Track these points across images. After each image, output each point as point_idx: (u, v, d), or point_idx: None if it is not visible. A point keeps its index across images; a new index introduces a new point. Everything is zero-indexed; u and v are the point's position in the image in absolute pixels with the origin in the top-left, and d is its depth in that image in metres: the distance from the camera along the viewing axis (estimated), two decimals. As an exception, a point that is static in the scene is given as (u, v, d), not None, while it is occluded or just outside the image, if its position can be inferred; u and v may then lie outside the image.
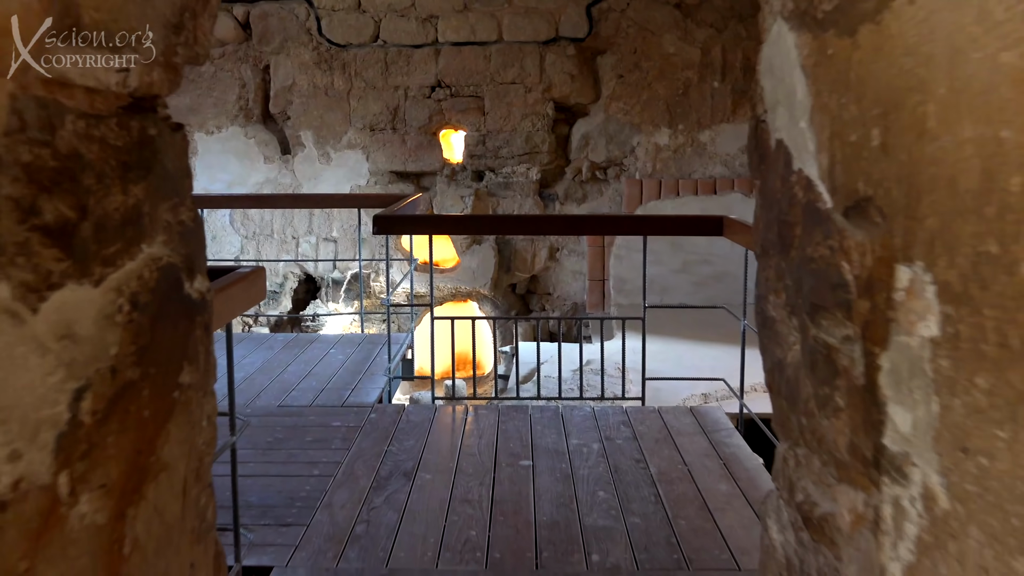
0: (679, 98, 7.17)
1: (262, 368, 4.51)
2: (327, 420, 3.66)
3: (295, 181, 7.50)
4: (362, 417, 3.70)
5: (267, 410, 3.80)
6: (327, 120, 7.35)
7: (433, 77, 7.23)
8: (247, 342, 5.13)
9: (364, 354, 4.86)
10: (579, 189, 7.36)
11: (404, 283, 7.42)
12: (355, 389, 4.10)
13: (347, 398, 3.97)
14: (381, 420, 3.67)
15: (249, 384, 4.19)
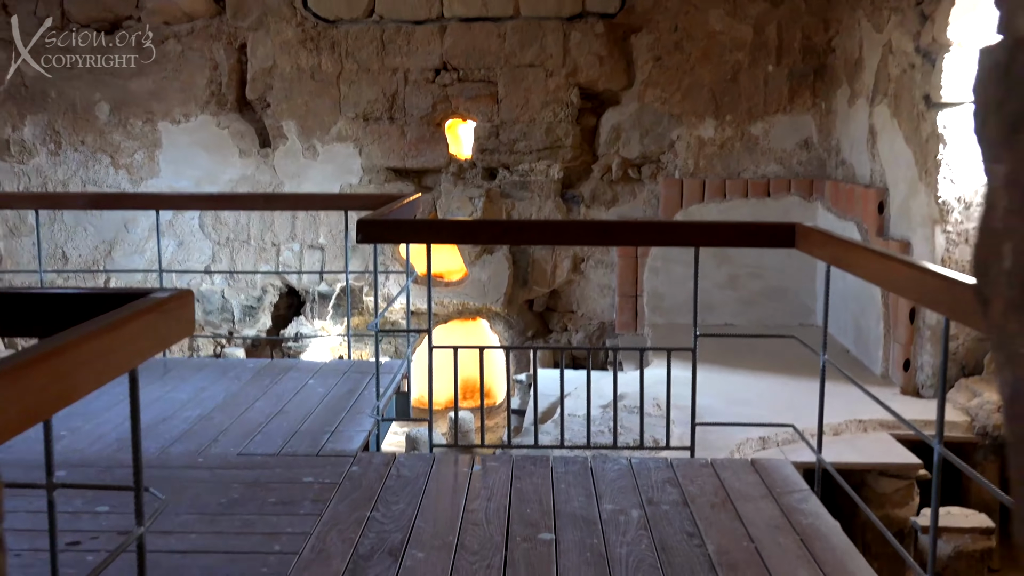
0: (727, 84, 6.74)
1: (224, 404, 4.10)
2: (297, 474, 3.23)
3: (275, 179, 7.11)
4: (341, 470, 3.27)
5: (224, 459, 3.38)
6: (313, 108, 6.97)
7: (438, 58, 6.83)
8: (210, 370, 4.73)
9: (350, 386, 4.44)
10: (608, 190, 6.94)
11: (401, 298, 7.00)
12: (335, 433, 3.68)
13: (324, 444, 3.54)
14: (365, 475, 3.24)
15: (205, 426, 3.77)
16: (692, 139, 6.81)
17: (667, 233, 3.32)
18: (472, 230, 3.40)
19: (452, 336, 7.46)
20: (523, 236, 3.43)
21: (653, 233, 3.33)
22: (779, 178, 6.80)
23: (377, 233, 3.35)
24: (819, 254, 3.15)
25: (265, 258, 7.16)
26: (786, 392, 5.19)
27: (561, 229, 3.38)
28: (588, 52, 6.74)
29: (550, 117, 6.80)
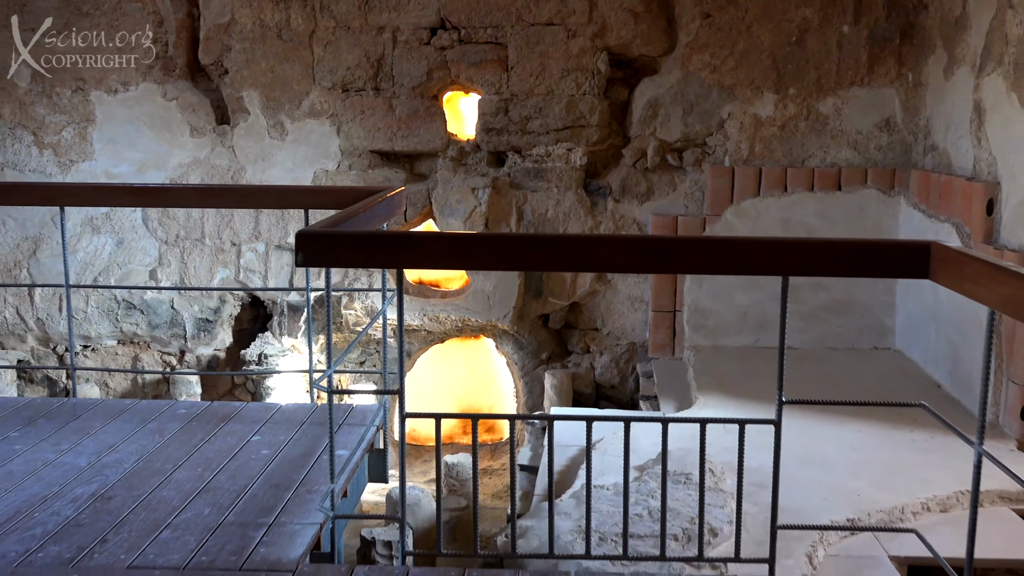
0: (791, 49, 5.85)
1: (131, 476, 3.28)
2: (206, 605, 2.39)
3: (235, 163, 6.27)
4: (271, 599, 2.43)
5: (106, 573, 2.54)
6: (281, 75, 6.11)
7: (434, 14, 5.96)
8: (128, 417, 3.93)
9: (307, 446, 3.61)
10: (642, 180, 6.06)
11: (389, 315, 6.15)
12: (272, 530, 2.84)
13: (253, 550, 2.70)
14: (304, 608, 2.40)
15: (95, 513, 2.94)
16: (747, 118, 5.93)
17: (744, 255, 2.44)
18: (469, 250, 2.52)
19: (449, 359, 6.62)
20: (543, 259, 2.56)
21: (723, 255, 2.45)
22: (853, 166, 5.92)
23: (325, 253, 2.50)
24: (976, 292, 2.25)
25: (223, 260, 6.32)
26: (877, 445, 4.31)
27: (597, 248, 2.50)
28: (620, 7, 5.86)
29: (572, 89, 5.92)
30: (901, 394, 5.04)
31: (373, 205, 3.34)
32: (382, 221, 3.55)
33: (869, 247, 2.48)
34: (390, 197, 3.65)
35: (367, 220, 3.24)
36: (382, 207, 3.49)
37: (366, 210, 3.22)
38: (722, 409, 4.78)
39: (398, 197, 3.81)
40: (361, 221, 3.10)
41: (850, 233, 5.85)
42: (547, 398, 6.13)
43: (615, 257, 2.50)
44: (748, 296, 5.95)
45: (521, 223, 6.10)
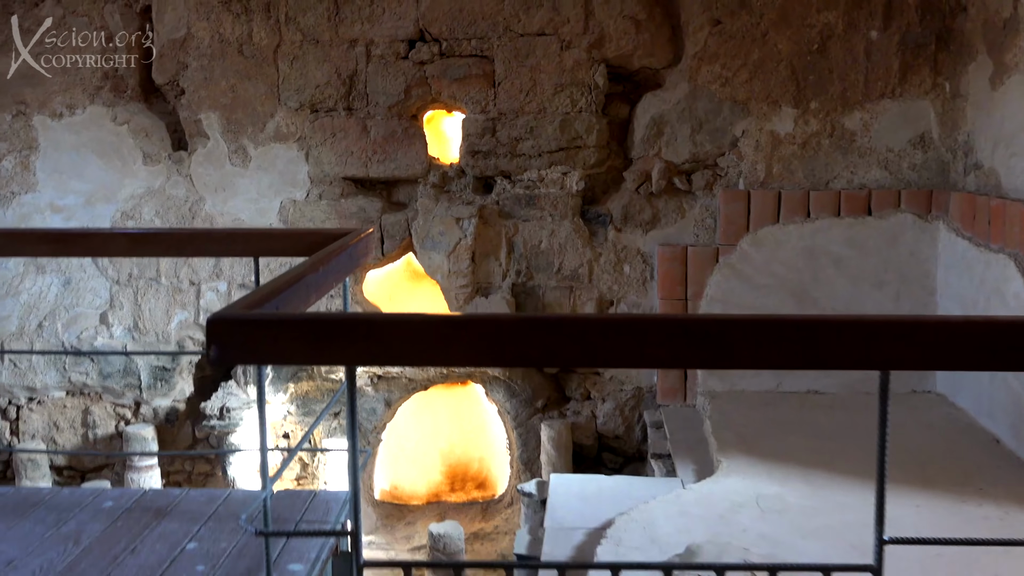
0: (812, 57, 5.13)
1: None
2: None
3: (193, 193, 5.52)
4: None
5: None
6: (243, 95, 5.38)
7: (412, 25, 5.23)
8: (39, 516, 3.18)
9: (253, 558, 2.86)
10: (646, 206, 5.33)
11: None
12: None
13: None
14: None
15: None
16: (763, 135, 5.20)
17: (843, 342, 1.71)
18: (451, 340, 1.80)
19: (433, 407, 5.86)
20: (550, 352, 1.81)
21: (805, 341, 1.73)
22: (884, 188, 5.20)
23: (250, 346, 1.76)
24: None
25: (181, 301, 5.57)
26: (939, 523, 3.58)
27: (627, 335, 1.77)
28: (619, 14, 5.14)
29: (566, 106, 5.19)
30: (953, 451, 4.32)
31: (329, 259, 2.60)
32: (343, 276, 2.81)
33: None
34: (353, 245, 2.91)
35: (321, 281, 2.50)
36: (343, 260, 2.76)
37: (319, 268, 2.48)
38: (751, 477, 4.05)
39: (364, 243, 3.08)
40: (312, 285, 2.37)
41: (883, 264, 5.14)
42: (544, 452, 5.39)
43: (656, 349, 1.76)
44: (768, 335, 5.21)
45: (512, 256, 5.37)
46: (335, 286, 2.67)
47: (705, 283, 5.26)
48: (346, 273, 2.84)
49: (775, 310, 5.20)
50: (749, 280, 5.22)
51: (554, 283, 5.39)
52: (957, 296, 4.91)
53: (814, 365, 1.81)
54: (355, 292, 5.51)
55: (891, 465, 1.85)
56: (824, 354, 1.81)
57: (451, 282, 5.33)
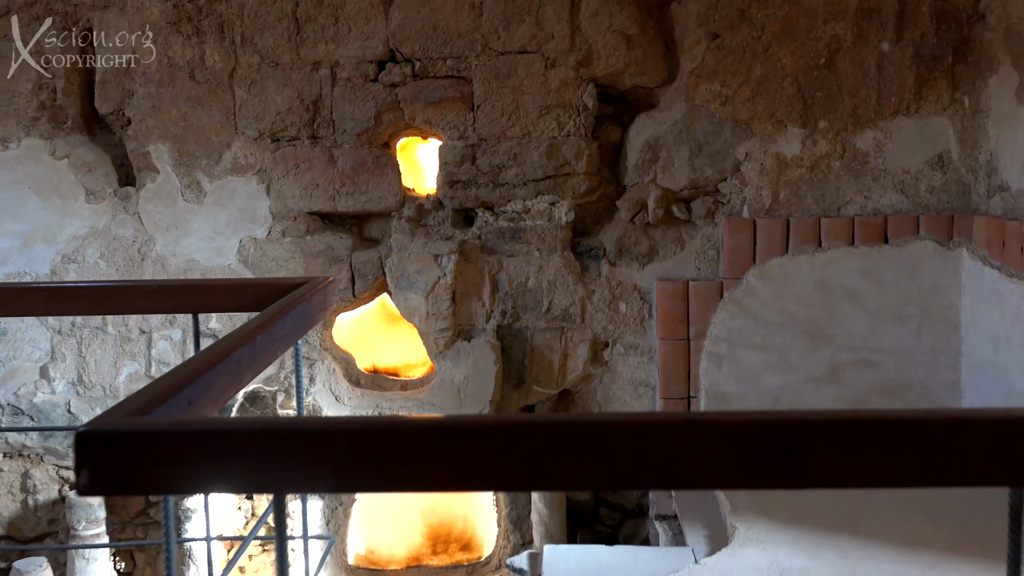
0: (819, 73, 4.67)
1: None
2: None
3: (141, 233, 4.98)
4: None
5: None
6: (195, 124, 4.85)
7: (381, 44, 4.73)
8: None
9: None
10: (643, 237, 4.83)
11: (336, 413, 4.86)
12: None
13: None
14: None
15: None
16: (768, 158, 4.73)
17: (955, 449, 1.22)
18: (412, 458, 1.30)
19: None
20: (534, 475, 1.28)
21: (906, 449, 1.24)
22: (901, 213, 4.73)
23: (126, 471, 1.22)
24: None
25: (130, 352, 5.00)
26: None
27: (639, 439, 1.25)
28: (608, 29, 4.66)
29: (553, 130, 4.70)
30: (985, 507, 3.81)
31: (272, 323, 2.07)
32: (293, 340, 2.28)
33: None
34: (307, 300, 2.39)
35: (261, 352, 1.98)
36: (293, 320, 2.23)
37: (256, 336, 1.95)
38: (772, 547, 3.53)
39: (322, 296, 2.55)
40: (247, 361, 1.84)
41: (903, 296, 4.66)
42: (535, 510, 4.85)
43: (710, 464, 1.25)
44: (779, 378, 4.72)
45: (496, 295, 4.85)
46: (282, 354, 2.13)
47: (709, 321, 4.76)
48: (297, 335, 2.31)
49: (787, 349, 4.70)
50: (757, 317, 4.72)
51: (543, 324, 4.87)
52: (987, 332, 4.43)
53: (930, 481, 1.30)
54: (324, 338, 4.97)
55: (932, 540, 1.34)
56: (944, 466, 1.30)
57: (430, 325, 4.80)
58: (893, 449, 1.31)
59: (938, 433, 1.30)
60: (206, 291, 2.84)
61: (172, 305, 2.84)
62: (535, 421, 1.34)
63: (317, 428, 1.30)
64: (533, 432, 1.30)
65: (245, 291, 2.76)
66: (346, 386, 4.90)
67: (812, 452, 1.29)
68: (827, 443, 1.29)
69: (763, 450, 1.29)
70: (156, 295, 2.79)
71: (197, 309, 2.77)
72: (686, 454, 1.28)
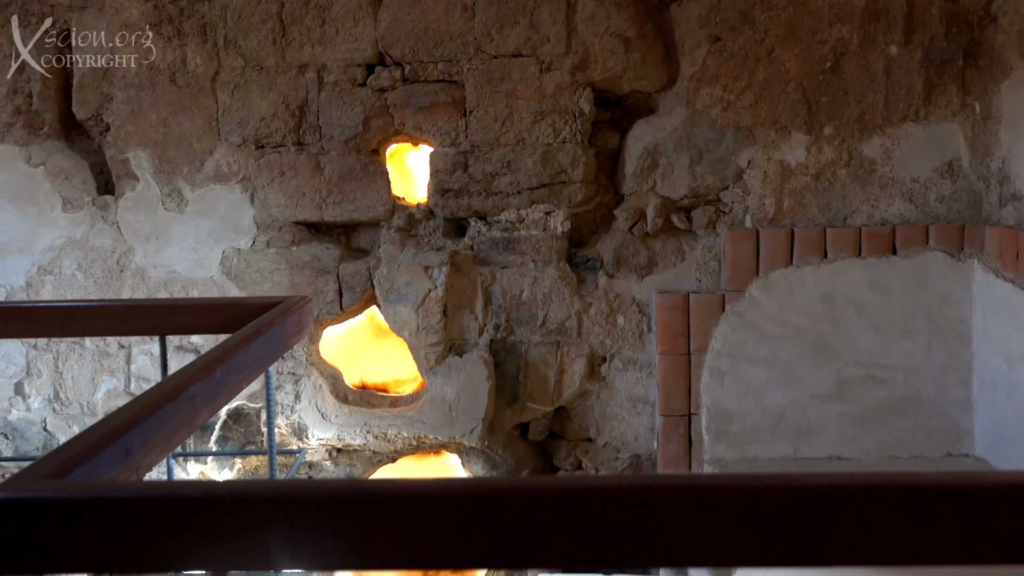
0: (824, 77, 4.50)
1: None
2: None
3: (120, 243, 4.80)
4: None
5: None
6: (176, 130, 4.68)
7: (369, 47, 4.56)
8: None
9: None
10: (641, 248, 4.65)
11: (322, 432, 4.68)
12: None
13: None
14: None
15: None
16: (771, 165, 4.55)
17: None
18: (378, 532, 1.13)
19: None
20: (515, 553, 1.10)
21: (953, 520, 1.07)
22: (909, 223, 4.56)
23: (35, 547, 1.04)
24: None
25: (109, 367, 4.82)
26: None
27: (630, 508, 1.08)
28: (606, 31, 4.49)
29: (548, 136, 4.53)
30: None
31: (234, 353, 1.90)
32: (260, 369, 2.10)
33: None
34: (278, 325, 2.22)
35: (220, 387, 1.81)
36: (259, 348, 2.06)
37: (214, 369, 1.78)
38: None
39: (296, 318, 2.39)
40: (202, 399, 1.68)
41: (911, 309, 4.48)
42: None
43: (720, 539, 1.08)
44: (784, 394, 4.54)
45: (489, 309, 4.67)
46: (248, 384, 1.96)
47: (710, 335, 4.58)
48: (267, 363, 2.14)
49: (791, 364, 4.52)
50: (760, 330, 4.55)
51: (538, 338, 4.69)
52: (1000, 347, 4.25)
53: (980, 558, 1.13)
54: (310, 353, 4.79)
55: None
56: (995, 541, 1.12)
57: (420, 340, 4.61)
58: (933, 521, 1.13)
59: (985, 502, 1.13)
60: (174, 312, 2.66)
61: (137, 327, 2.66)
62: (513, 487, 1.16)
63: (259, 496, 1.12)
64: (508, 502, 1.11)
65: (216, 311, 2.59)
66: (333, 403, 4.72)
67: (838, 526, 1.11)
68: (856, 515, 1.11)
69: (783, 523, 1.11)
70: (119, 316, 2.61)
71: (164, 331, 2.60)
72: (692, 527, 1.10)
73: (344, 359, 4.97)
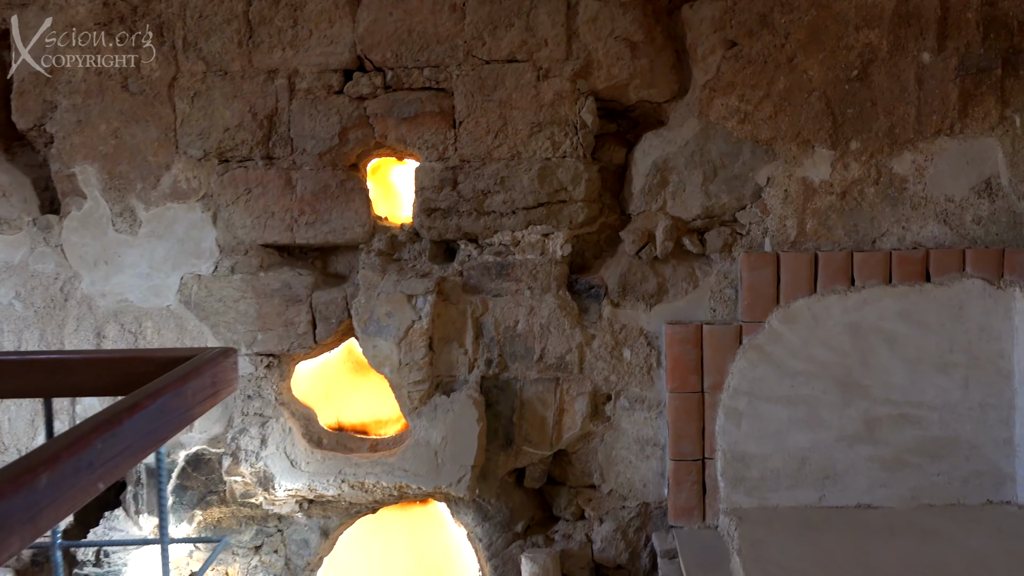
0: (851, 86, 4.08)
1: None
2: None
3: (65, 269, 4.28)
4: None
5: None
6: (129, 142, 4.17)
7: (347, 51, 4.08)
8: None
9: None
10: (650, 274, 4.20)
11: (290, 482, 4.17)
12: None
13: None
14: None
15: None
16: (793, 183, 4.12)
17: None
18: None
19: (386, 531, 4.60)
20: None
21: None
22: (944, 247, 4.14)
23: None
24: None
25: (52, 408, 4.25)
26: None
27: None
28: (610, 35, 4.04)
29: (546, 150, 4.07)
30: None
31: (94, 437, 1.43)
32: (143, 453, 1.61)
33: None
34: (171, 393, 1.73)
35: (70, 483, 1.33)
36: (136, 427, 1.57)
37: (58, 459, 1.32)
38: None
39: (205, 380, 1.90)
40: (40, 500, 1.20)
41: (947, 342, 4.06)
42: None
43: None
44: (807, 436, 4.09)
45: (480, 342, 4.18)
46: (104, 487, 1.43)
47: (726, 370, 4.13)
48: (156, 442, 1.64)
49: (816, 403, 4.08)
50: (782, 366, 4.10)
51: (535, 374, 4.21)
52: (1049, 384, 3.85)
53: None
54: (280, 391, 4.28)
55: None
56: None
57: (402, 377, 4.12)
58: None
59: None
60: (58, 369, 2.14)
61: (13, 387, 2.14)
62: None
63: None
64: None
65: (113, 367, 2.09)
66: (304, 448, 4.20)
67: None
68: None
69: None
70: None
71: (47, 393, 2.11)
72: None
73: (319, 397, 4.47)
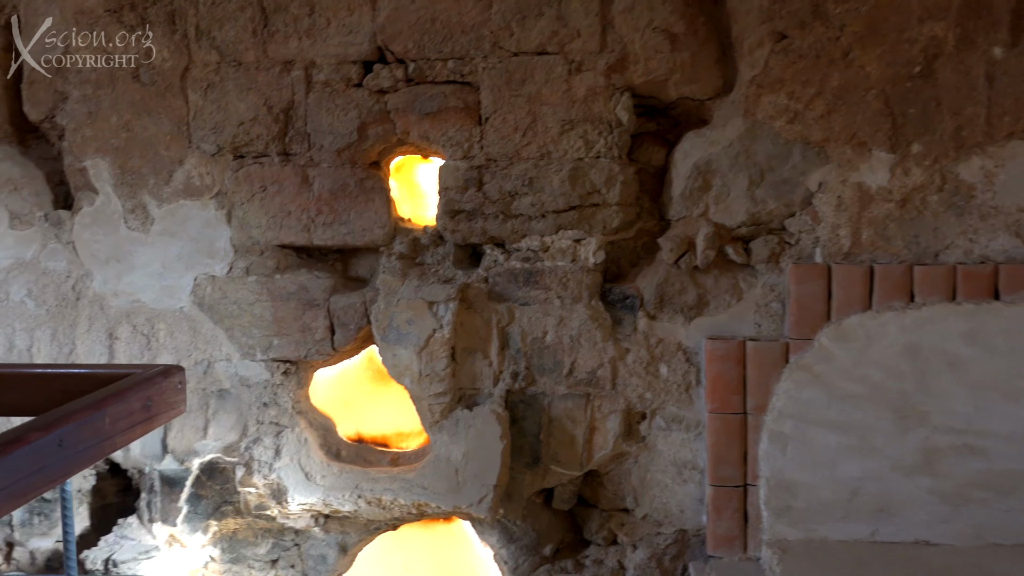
0: (913, 84, 3.74)
1: None
2: None
3: (76, 266, 4.13)
4: None
5: None
6: (141, 135, 4.00)
7: (367, 41, 3.85)
8: None
9: None
10: (690, 285, 3.90)
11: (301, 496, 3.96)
12: None
13: None
14: None
15: None
16: (847, 189, 3.79)
17: None
18: None
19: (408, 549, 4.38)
20: None
21: None
22: (1015, 262, 3.78)
23: None
24: None
25: (59, 411, 4.11)
26: None
27: None
28: (648, 26, 3.75)
29: (578, 150, 3.80)
30: None
31: None
32: (45, 486, 1.42)
33: None
34: (89, 417, 1.57)
35: None
36: (28, 461, 1.39)
37: None
38: None
39: (140, 401, 1.72)
40: None
41: (1017, 366, 3.70)
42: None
43: None
44: (859, 465, 3.76)
45: (506, 353, 3.93)
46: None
47: (771, 391, 3.81)
48: (43, 485, 1.44)
49: (869, 429, 3.75)
50: (832, 388, 3.77)
51: (564, 389, 3.94)
52: None
53: None
54: (297, 399, 4.07)
55: None
56: None
57: (423, 388, 3.88)
58: None
59: None
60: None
61: None
62: None
63: None
64: None
65: (46, 384, 1.89)
66: (320, 460, 3.99)
67: None
68: None
69: None
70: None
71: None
72: None
73: (339, 406, 4.25)
